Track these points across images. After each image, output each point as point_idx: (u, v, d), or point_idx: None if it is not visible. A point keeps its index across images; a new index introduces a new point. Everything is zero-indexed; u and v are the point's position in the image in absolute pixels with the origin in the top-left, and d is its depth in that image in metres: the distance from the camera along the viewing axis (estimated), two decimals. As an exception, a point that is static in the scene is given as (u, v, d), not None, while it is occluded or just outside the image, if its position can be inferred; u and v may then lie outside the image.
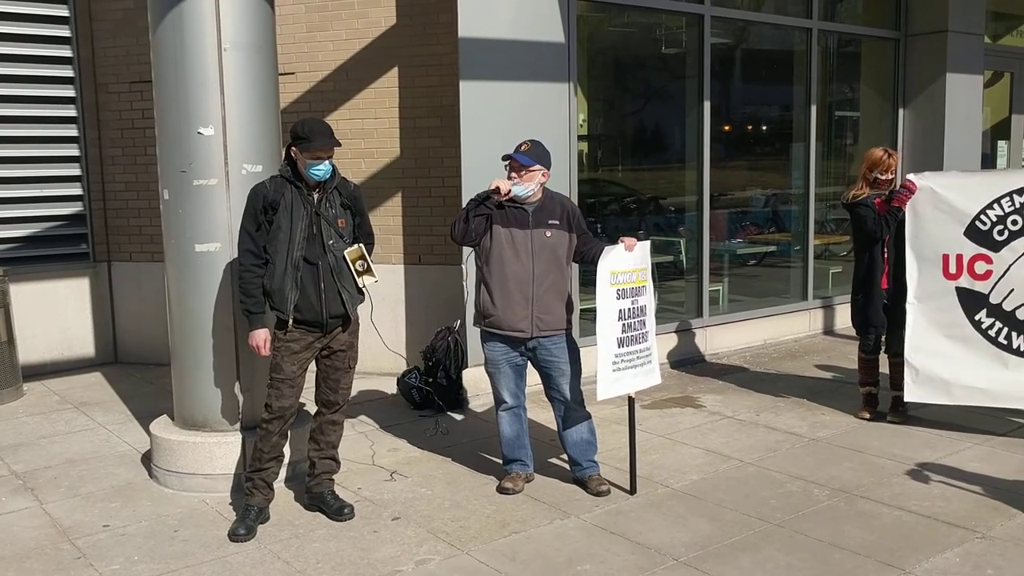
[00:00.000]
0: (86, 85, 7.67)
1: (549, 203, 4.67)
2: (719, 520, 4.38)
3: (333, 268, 4.29)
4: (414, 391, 6.33)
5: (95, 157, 7.75)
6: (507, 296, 4.59)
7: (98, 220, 7.82)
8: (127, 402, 6.63)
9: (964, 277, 5.51)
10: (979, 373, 5.46)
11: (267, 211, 4.25)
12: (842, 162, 9.80)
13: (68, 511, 4.62)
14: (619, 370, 4.60)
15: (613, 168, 8.68)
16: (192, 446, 4.82)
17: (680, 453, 5.38)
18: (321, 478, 4.54)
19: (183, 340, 4.92)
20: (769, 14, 8.84)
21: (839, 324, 8.80)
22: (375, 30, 6.95)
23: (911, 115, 9.29)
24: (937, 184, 5.54)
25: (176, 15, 4.65)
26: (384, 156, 7.08)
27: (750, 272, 9.23)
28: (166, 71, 4.75)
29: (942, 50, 8.96)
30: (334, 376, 4.47)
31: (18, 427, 6.11)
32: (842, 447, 5.42)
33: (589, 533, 4.26)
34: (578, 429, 4.79)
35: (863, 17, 9.68)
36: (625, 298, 4.59)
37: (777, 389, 6.76)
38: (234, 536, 4.22)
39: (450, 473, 5.08)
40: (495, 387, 4.81)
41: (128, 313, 7.89)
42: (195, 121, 4.69)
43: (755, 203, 9.44)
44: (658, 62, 8.71)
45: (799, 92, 8.82)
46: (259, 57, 4.82)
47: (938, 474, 4.91)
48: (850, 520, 4.35)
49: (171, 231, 4.86)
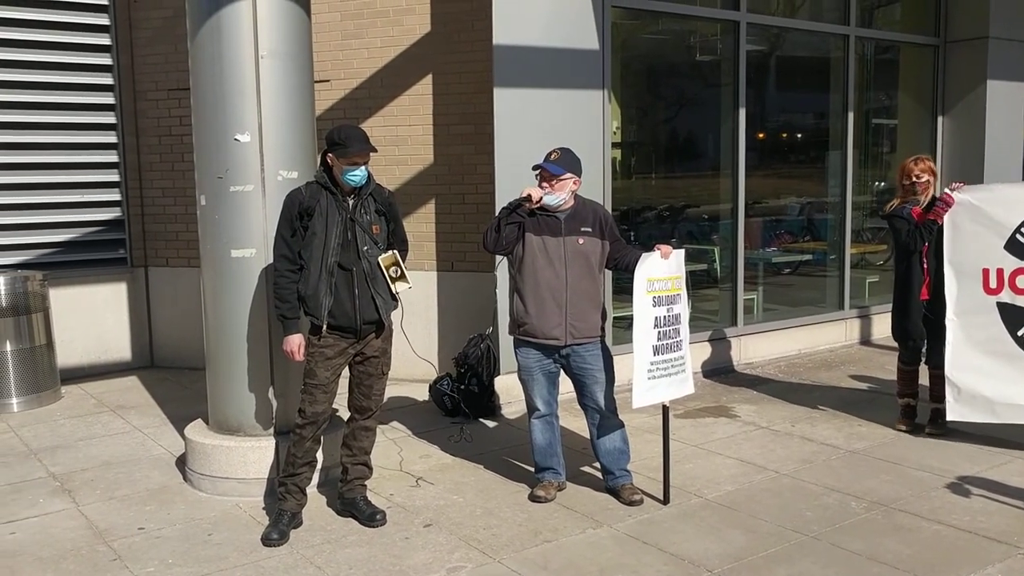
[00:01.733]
0: (125, 92, 7.78)
1: (582, 210, 4.65)
2: (754, 532, 4.33)
3: (367, 274, 4.30)
4: (446, 398, 6.33)
5: (133, 163, 7.85)
6: (540, 304, 4.57)
7: (136, 225, 7.92)
8: (163, 406, 6.70)
9: (1005, 292, 5.40)
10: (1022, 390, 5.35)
11: (302, 217, 4.27)
12: (879, 170, 9.68)
13: (104, 513, 4.67)
14: (654, 378, 4.57)
15: (647, 175, 8.64)
16: (226, 450, 4.85)
17: (714, 463, 5.32)
18: (353, 484, 4.55)
19: (218, 345, 4.96)
20: (805, 20, 8.75)
21: (876, 334, 8.68)
22: (409, 38, 6.98)
23: (950, 123, 9.16)
24: (976, 197, 5.44)
25: (214, 23, 4.70)
26: (418, 163, 7.10)
27: (785, 281, 9.14)
28: (204, 78, 4.80)
29: (983, 57, 8.83)
30: (367, 382, 4.48)
31: (56, 429, 6.19)
32: (880, 459, 5.33)
33: (621, 543, 4.23)
34: (611, 438, 4.76)
35: (901, 23, 9.57)
36: (660, 306, 4.56)
37: (813, 399, 6.67)
38: (267, 540, 4.24)
39: (482, 480, 5.07)
40: (528, 395, 4.80)
41: (164, 318, 7.98)
42: (232, 128, 4.74)
43: (790, 211, 9.35)
44: (692, 69, 8.66)
45: (835, 99, 8.73)
46: (295, 65, 4.86)
47: (979, 488, 4.82)
48: (888, 534, 4.28)
49: (207, 236, 4.91)
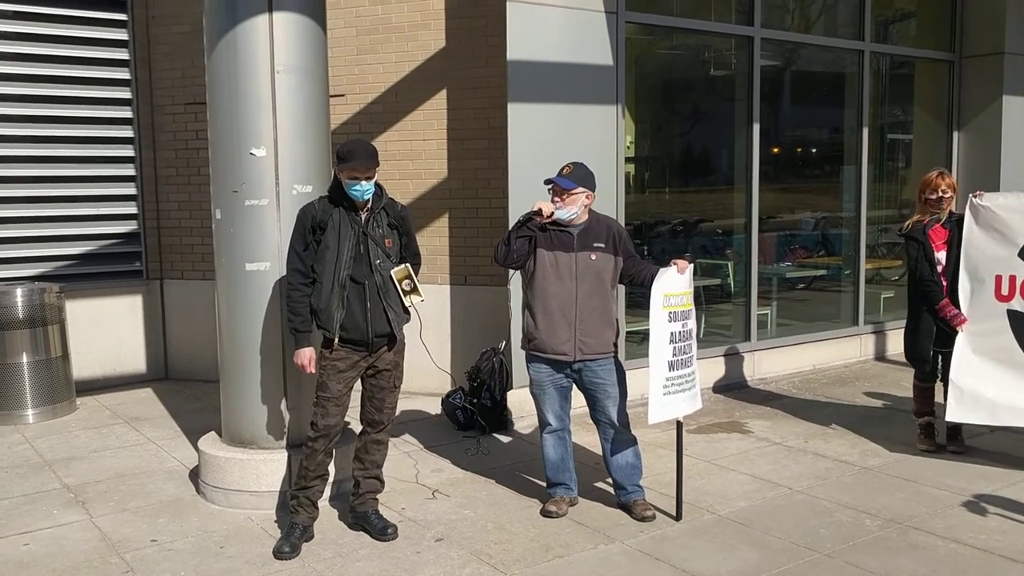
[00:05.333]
0: (143, 106, 7.85)
1: (596, 226, 4.65)
2: (767, 548, 4.30)
3: (379, 287, 4.31)
4: (458, 412, 6.33)
5: (150, 177, 7.92)
6: (550, 319, 4.57)
7: (152, 238, 7.97)
8: (176, 418, 6.72)
9: (1016, 299, 5.38)
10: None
11: (315, 231, 4.29)
12: (894, 185, 9.64)
13: (117, 525, 4.69)
14: (669, 393, 4.56)
15: (660, 190, 8.64)
16: (239, 463, 4.86)
17: (727, 479, 5.30)
18: (365, 497, 4.55)
19: (232, 358, 4.98)
20: (820, 36, 8.75)
21: (891, 350, 8.63)
22: (424, 53, 7.02)
23: (966, 139, 9.12)
24: (995, 204, 5.45)
25: (231, 39, 4.74)
26: (432, 177, 7.13)
27: (799, 296, 9.10)
28: (220, 93, 4.84)
29: (998, 72, 8.80)
30: (379, 395, 4.49)
31: (71, 441, 6.23)
32: (894, 476, 5.29)
33: (633, 559, 4.21)
34: (624, 453, 4.75)
35: (916, 39, 9.54)
36: (676, 321, 4.55)
37: (826, 416, 6.63)
38: (279, 554, 4.24)
39: (493, 495, 5.06)
40: (540, 409, 4.79)
41: (179, 330, 8.02)
42: (247, 142, 4.77)
43: (804, 226, 9.32)
44: (706, 84, 8.67)
45: (850, 115, 8.72)
46: (310, 80, 4.90)
47: (995, 506, 4.77)
48: (903, 552, 4.24)
49: (222, 250, 4.94)
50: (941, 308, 5.52)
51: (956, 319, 5.48)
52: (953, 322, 5.49)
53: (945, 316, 5.51)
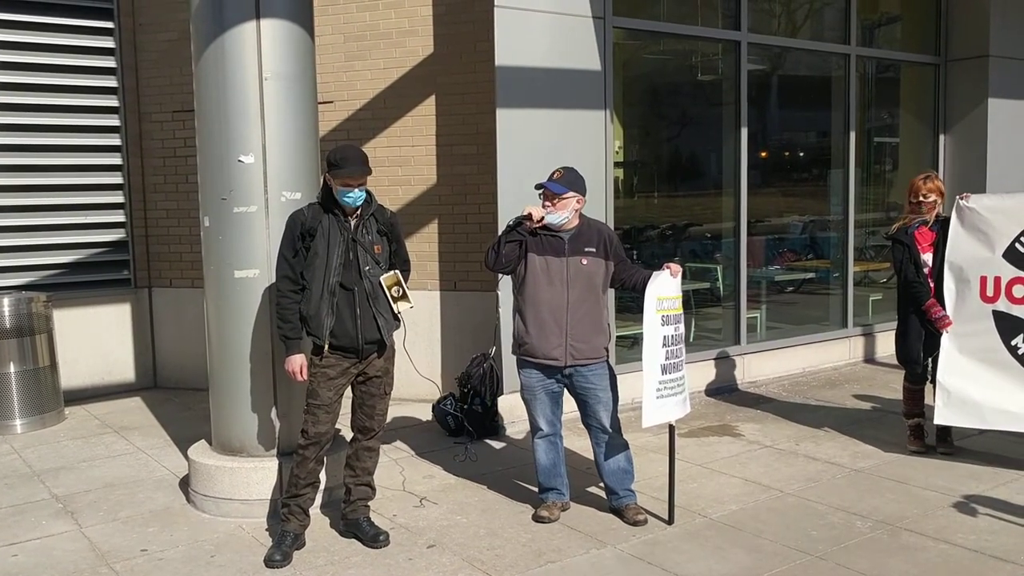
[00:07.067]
0: (130, 114, 7.83)
1: (586, 231, 4.65)
2: (759, 551, 4.30)
3: (369, 294, 4.30)
4: (449, 418, 6.32)
5: (138, 185, 7.89)
6: (540, 324, 4.57)
7: (140, 247, 7.94)
8: (166, 427, 6.69)
9: (1002, 300, 5.42)
10: (1013, 398, 5.34)
11: (304, 237, 4.28)
12: (881, 188, 9.69)
13: (107, 535, 4.66)
14: (662, 397, 4.56)
15: (649, 194, 8.66)
16: (229, 471, 4.84)
17: (718, 482, 5.30)
18: (357, 504, 4.54)
19: (221, 365, 4.96)
20: (806, 40, 8.81)
21: (880, 352, 8.66)
22: (413, 59, 7.03)
23: (952, 141, 9.18)
24: (980, 205, 5.49)
25: (218, 46, 4.73)
26: (421, 183, 7.12)
27: (788, 299, 9.13)
28: (208, 100, 4.83)
29: (983, 75, 8.86)
30: (370, 402, 4.48)
31: (59, 451, 6.19)
32: (885, 478, 5.31)
33: (626, 563, 4.21)
34: (616, 458, 4.75)
35: (902, 43, 9.61)
36: (668, 324, 4.56)
37: (817, 418, 6.65)
38: (270, 562, 4.22)
39: (485, 501, 5.05)
40: (531, 415, 4.79)
41: (168, 338, 7.99)
42: (236, 149, 4.76)
43: (793, 230, 9.35)
44: (694, 89, 8.70)
45: (837, 118, 8.76)
46: (298, 86, 4.89)
47: (985, 507, 4.79)
48: (894, 553, 4.25)
49: (211, 257, 4.92)
50: (927, 308, 5.54)
51: (942, 321, 5.51)
52: (938, 324, 5.52)
53: (931, 317, 5.53)
